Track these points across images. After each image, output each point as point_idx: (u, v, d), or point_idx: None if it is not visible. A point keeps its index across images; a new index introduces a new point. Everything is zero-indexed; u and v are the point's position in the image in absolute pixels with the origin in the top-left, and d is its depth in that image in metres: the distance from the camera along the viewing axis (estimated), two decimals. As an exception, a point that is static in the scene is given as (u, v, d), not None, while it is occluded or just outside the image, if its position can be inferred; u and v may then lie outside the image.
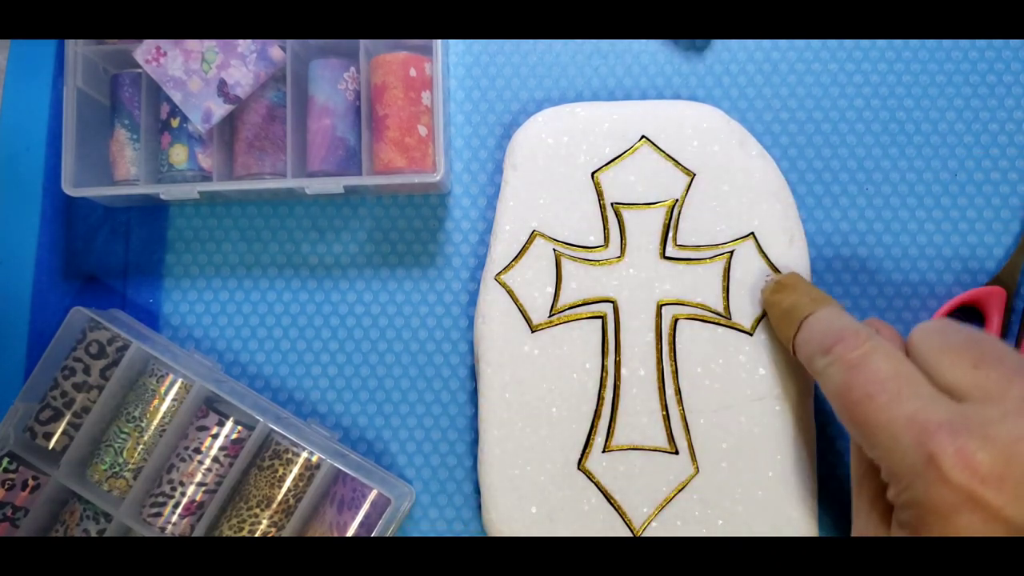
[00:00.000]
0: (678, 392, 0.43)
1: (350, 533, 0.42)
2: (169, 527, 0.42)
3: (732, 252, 0.44)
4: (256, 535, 0.42)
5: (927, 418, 0.30)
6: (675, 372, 0.43)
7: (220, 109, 0.45)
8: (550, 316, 0.44)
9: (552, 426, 0.43)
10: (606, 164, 0.45)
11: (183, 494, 0.42)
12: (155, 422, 0.43)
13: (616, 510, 0.42)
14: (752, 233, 0.44)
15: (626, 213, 0.44)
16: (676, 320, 0.43)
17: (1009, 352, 0.33)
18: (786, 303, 0.40)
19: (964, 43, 0.48)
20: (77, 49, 0.45)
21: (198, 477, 0.43)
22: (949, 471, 0.29)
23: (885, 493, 0.34)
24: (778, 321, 0.41)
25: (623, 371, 0.43)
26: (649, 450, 0.43)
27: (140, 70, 0.47)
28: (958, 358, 0.33)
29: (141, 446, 0.43)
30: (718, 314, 0.43)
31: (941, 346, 0.34)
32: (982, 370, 0.32)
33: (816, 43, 0.48)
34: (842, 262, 0.46)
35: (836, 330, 0.36)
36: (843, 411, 0.34)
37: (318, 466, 0.43)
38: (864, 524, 0.35)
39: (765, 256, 0.44)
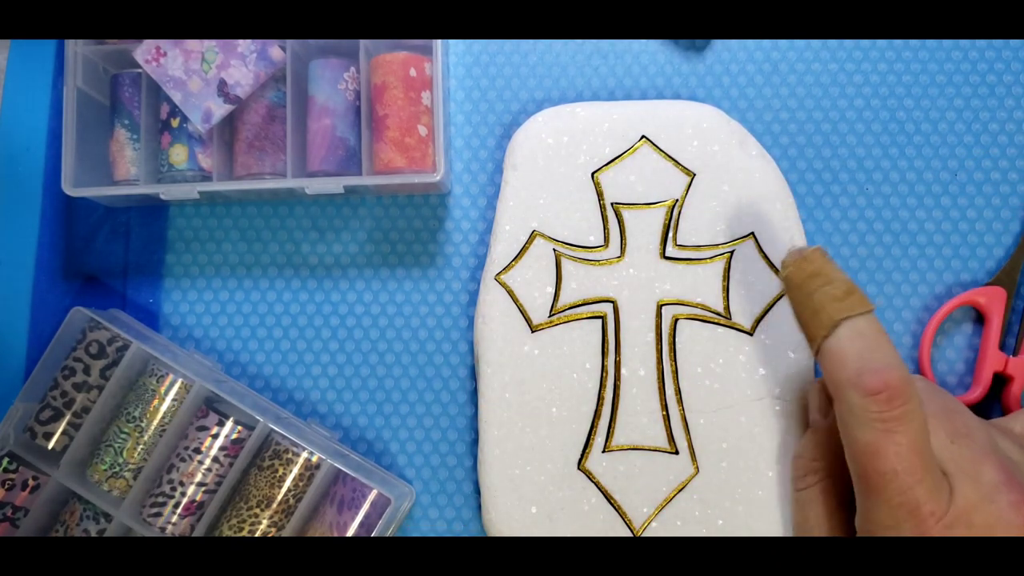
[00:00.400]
0: (678, 392, 0.43)
1: (350, 533, 0.42)
2: (169, 527, 0.42)
3: (732, 252, 0.44)
4: (256, 535, 0.42)
5: (931, 511, 0.33)
6: (675, 372, 0.43)
7: (220, 109, 0.45)
8: (550, 316, 0.44)
9: (552, 426, 0.43)
10: (606, 164, 0.45)
11: (183, 494, 0.42)
12: (155, 422, 0.43)
13: (616, 510, 0.42)
14: (752, 233, 0.44)
15: (626, 213, 0.44)
16: (676, 320, 0.43)
17: (978, 426, 0.36)
18: (816, 297, 0.35)
19: (964, 43, 0.48)
20: (77, 49, 0.45)
21: (198, 477, 0.43)
22: None
23: None
24: (802, 310, 0.37)
25: (623, 371, 0.43)
26: (649, 450, 0.43)
27: (140, 70, 0.47)
28: (936, 426, 0.35)
29: (141, 446, 0.43)
30: (718, 314, 0.43)
31: None
32: (957, 445, 0.34)
33: (816, 43, 0.48)
34: (842, 262, 0.46)
35: (880, 369, 0.33)
36: (859, 466, 0.34)
37: (318, 466, 0.43)
38: None
39: (765, 256, 0.44)
